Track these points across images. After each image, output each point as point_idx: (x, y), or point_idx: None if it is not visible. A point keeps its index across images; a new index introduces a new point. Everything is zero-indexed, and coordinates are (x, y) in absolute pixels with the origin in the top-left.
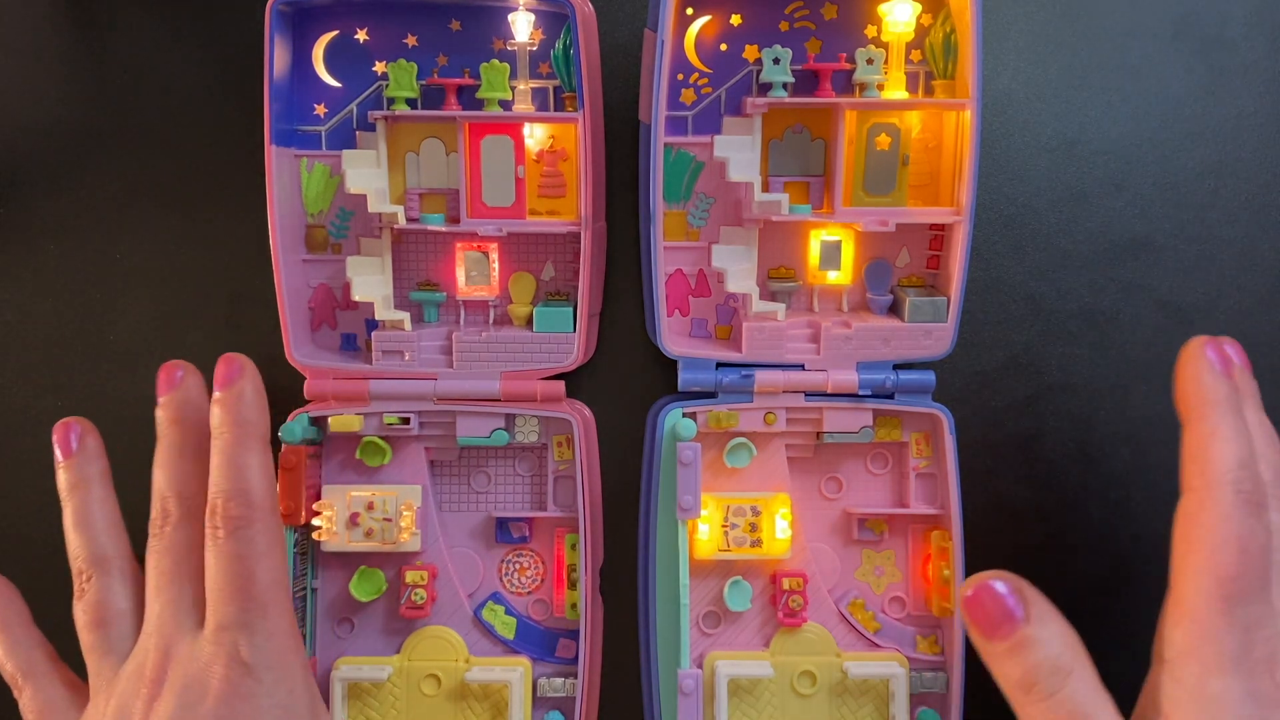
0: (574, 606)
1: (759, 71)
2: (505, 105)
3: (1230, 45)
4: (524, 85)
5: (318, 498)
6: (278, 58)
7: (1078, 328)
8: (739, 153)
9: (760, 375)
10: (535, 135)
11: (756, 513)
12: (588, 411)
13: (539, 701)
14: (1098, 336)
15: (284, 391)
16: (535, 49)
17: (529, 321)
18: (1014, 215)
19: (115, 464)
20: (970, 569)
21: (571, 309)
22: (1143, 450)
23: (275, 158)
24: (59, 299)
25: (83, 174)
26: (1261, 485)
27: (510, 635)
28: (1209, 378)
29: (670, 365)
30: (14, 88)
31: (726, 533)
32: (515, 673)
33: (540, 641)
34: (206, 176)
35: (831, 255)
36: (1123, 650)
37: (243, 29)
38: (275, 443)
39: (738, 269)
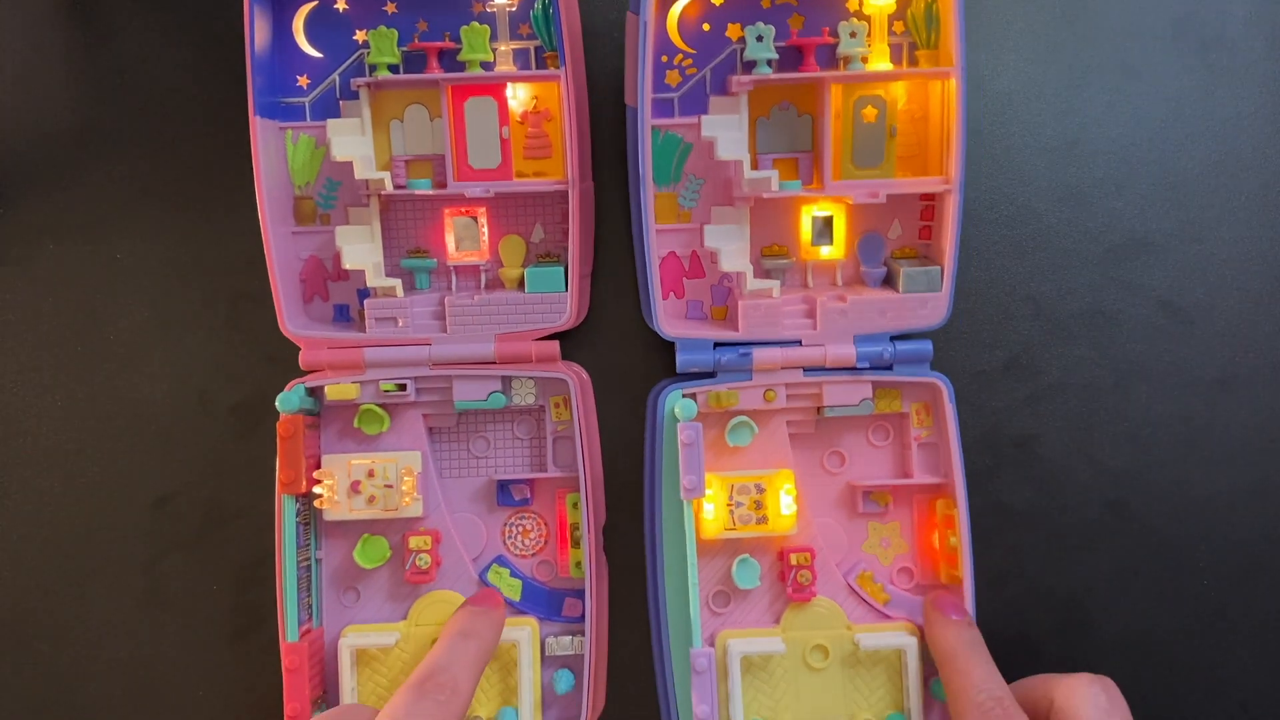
0: (578, 565)
1: (743, 50)
2: (487, 67)
3: (1230, 45)
4: (505, 47)
5: (318, 467)
6: (258, 30)
7: (1078, 328)
8: (726, 131)
9: (758, 353)
10: (519, 96)
11: (761, 490)
12: (584, 372)
13: (547, 660)
14: (1098, 336)
15: (280, 368)
16: (515, 10)
17: (520, 284)
18: (1014, 215)
19: (114, 463)
20: (972, 569)
21: (563, 268)
22: (1143, 450)
23: (260, 130)
24: (59, 299)
25: (83, 174)
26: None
27: (516, 597)
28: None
29: (668, 346)
30: (14, 88)
31: (732, 511)
32: (523, 632)
33: (546, 602)
34: (206, 176)
35: (823, 231)
36: (1123, 649)
37: (239, 26)
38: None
39: (731, 248)
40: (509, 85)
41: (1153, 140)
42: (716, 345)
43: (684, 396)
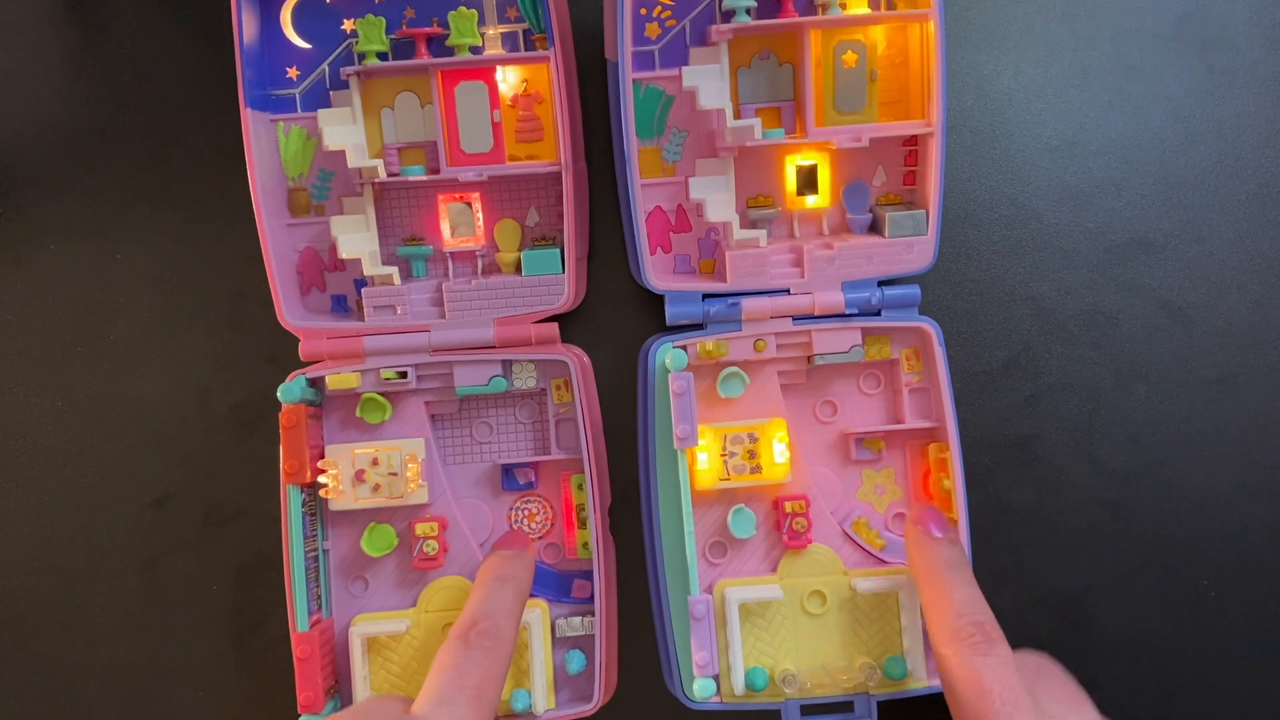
0: (585, 546)
1: None
2: (476, 52)
3: (1230, 45)
4: (493, 30)
5: (321, 458)
6: (246, 23)
7: (1078, 328)
8: (708, 81)
9: (747, 302)
10: (509, 80)
11: (754, 439)
12: (584, 355)
13: (558, 642)
14: (1098, 336)
15: (280, 366)
16: None
17: (517, 268)
18: (1014, 215)
19: (114, 463)
20: (966, 511)
21: (559, 251)
22: (1143, 450)
23: (251, 122)
24: (59, 299)
25: (83, 174)
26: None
27: None
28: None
29: (659, 308)
30: (14, 88)
31: (725, 461)
32: (533, 614)
33: (555, 584)
34: (205, 173)
35: (808, 180)
36: (1123, 649)
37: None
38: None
39: (716, 199)
40: (498, 69)
41: (1153, 140)
42: (705, 297)
43: (674, 348)
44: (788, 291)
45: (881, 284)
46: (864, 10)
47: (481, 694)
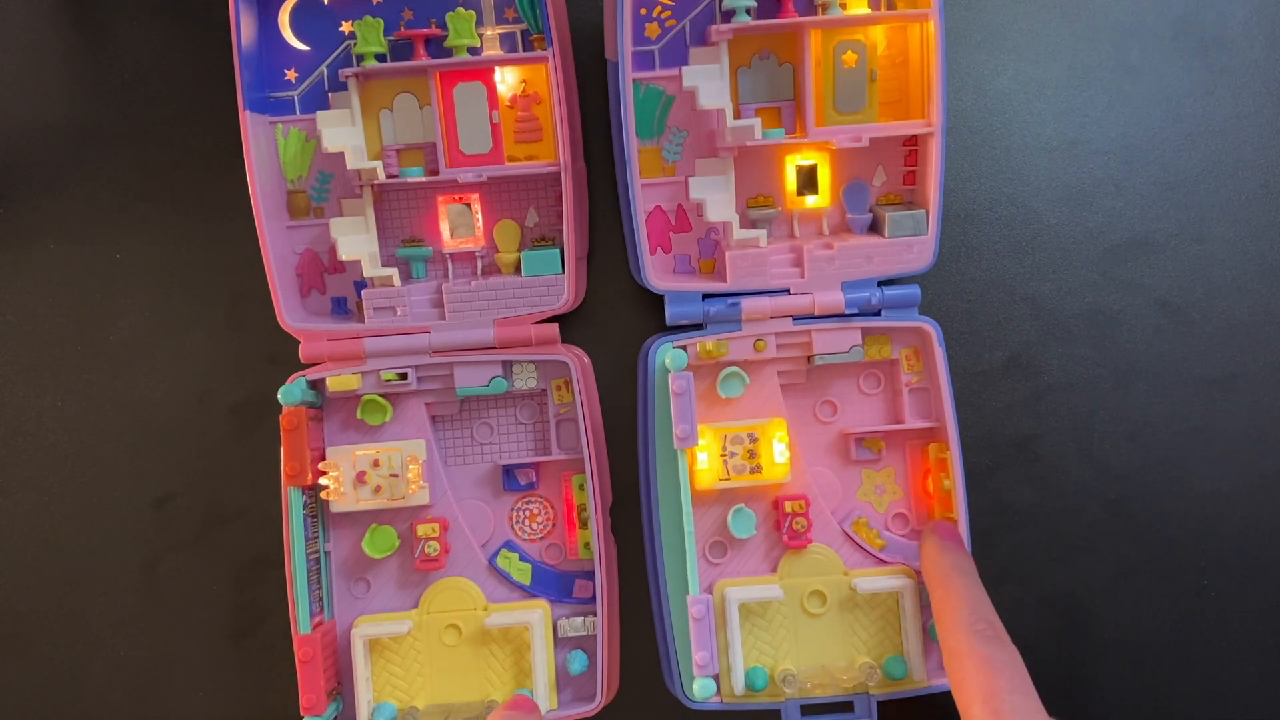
0: (586, 546)
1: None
2: (474, 53)
3: (1230, 45)
4: (491, 31)
5: (322, 459)
6: (244, 25)
7: (1078, 328)
8: (708, 81)
9: (747, 302)
10: (507, 80)
11: (754, 439)
12: (585, 355)
13: (560, 642)
14: (1098, 336)
15: (280, 366)
16: None
17: (517, 269)
18: (1014, 215)
19: (114, 463)
20: (966, 512)
21: (559, 251)
22: (1143, 450)
23: (250, 124)
24: (59, 299)
25: (83, 174)
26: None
27: (526, 581)
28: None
29: (659, 309)
30: (14, 88)
31: (725, 461)
32: (535, 614)
33: (556, 584)
34: (204, 174)
35: (808, 181)
36: (1123, 649)
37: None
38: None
39: (716, 198)
40: (497, 69)
41: (1153, 140)
42: (705, 297)
43: (674, 348)
44: (788, 291)
45: (881, 284)
46: (864, 10)
47: None
